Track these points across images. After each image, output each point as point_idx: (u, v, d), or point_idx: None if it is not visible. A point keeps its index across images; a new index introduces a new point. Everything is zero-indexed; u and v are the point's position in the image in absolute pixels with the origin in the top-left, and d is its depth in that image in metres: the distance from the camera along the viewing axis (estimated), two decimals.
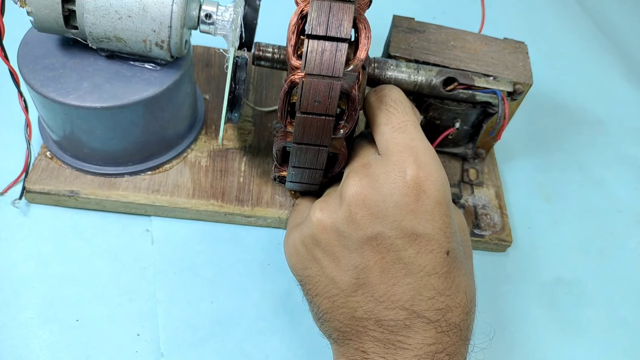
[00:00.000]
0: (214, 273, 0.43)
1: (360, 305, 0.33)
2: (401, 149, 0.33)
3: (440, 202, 0.32)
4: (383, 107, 0.35)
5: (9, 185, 0.43)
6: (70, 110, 0.38)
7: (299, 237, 0.35)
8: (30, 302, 0.39)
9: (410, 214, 0.32)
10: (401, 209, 0.32)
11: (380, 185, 0.32)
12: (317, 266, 0.34)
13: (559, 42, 0.69)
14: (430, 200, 0.32)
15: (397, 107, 0.35)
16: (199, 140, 0.47)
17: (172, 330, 0.39)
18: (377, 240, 0.32)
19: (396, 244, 0.32)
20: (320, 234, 0.34)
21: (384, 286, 0.32)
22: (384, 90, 0.36)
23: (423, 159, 0.33)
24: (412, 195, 0.32)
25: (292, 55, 0.32)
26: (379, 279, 0.32)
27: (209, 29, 0.39)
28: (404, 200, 0.32)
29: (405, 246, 0.32)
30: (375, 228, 0.32)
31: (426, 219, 0.32)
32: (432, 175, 0.32)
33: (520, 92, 0.42)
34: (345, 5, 0.30)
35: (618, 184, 0.55)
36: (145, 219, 0.44)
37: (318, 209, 0.34)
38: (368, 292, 0.32)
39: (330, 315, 0.34)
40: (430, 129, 0.45)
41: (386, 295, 0.32)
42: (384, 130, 0.35)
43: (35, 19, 0.36)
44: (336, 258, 0.33)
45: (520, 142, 0.56)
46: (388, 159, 0.33)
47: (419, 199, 0.32)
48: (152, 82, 0.39)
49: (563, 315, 0.45)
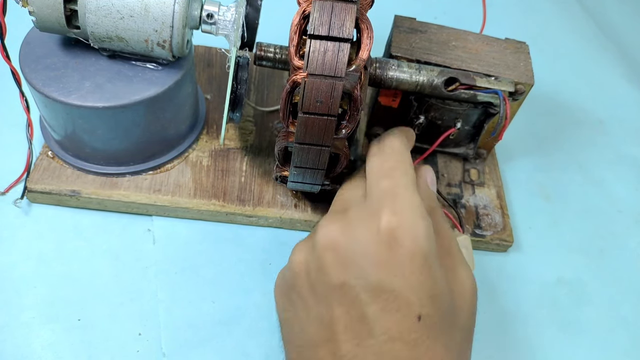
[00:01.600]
0: (215, 273, 0.43)
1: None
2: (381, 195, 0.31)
3: (414, 255, 0.29)
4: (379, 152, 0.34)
5: (10, 185, 0.43)
6: (72, 110, 0.38)
7: (282, 277, 0.34)
8: (32, 302, 0.39)
9: (378, 266, 0.29)
10: (370, 259, 0.29)
11: (353, 231, 0.30)
12: (292, 310, 0.32)
13: (560, 42, 0.69)
14: (404, 253, 0.29)
15: (392, 154, 0.34)
16: (200, 140, 0.47)
17: (174, 330, 0.40)
18: (342, 291, 0.29)
19: (361, 298, 0.28)
20: (295, 276, 0.32)
21: (347, 345, 0.28)
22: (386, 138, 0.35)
23: (402, 207, 0.30)
24: (383, 245, 0.29)
25: (295, 55, 0.32)
26: (344, 336, 0.29)
27: (210, 28, 0.39)
28: (375, 250, 0.29)
29: (369, 301, 0.28)
30: (341, 277, 0.29)
31: (395, 273, 0.28)
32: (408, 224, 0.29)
33: (522, 93, 0.42)
34: (348, 6, 0.30)
35: (618, 184, 0.55)
36: (147, 219, 0.44)
37: (296, 249, 0.33)
38: (332, 349, 0.29)
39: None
40: (432, 129, 0.45)
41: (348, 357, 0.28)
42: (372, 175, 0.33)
43: (37, 18, 0.36)
44: (307, 305, 0.31)
45: (522, 142, 0.56)
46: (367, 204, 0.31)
47: (390, 248, 0.29)
48: (154, 82, 0.39)
49: (564, 315, 0.45)
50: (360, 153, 0.49)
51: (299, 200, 0.45)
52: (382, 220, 0.29)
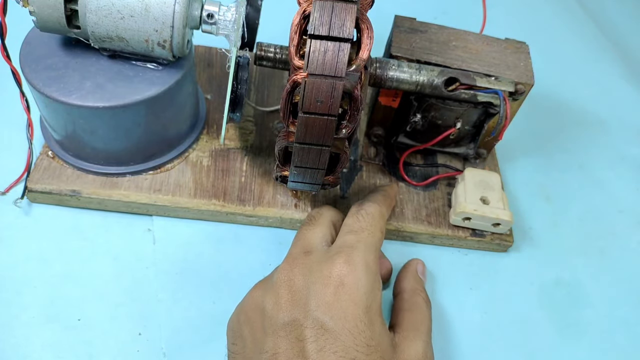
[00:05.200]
0: (215, 273, 0.43)
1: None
2: (343, 246, 0.34)
3: (356, 303, 0.31)
4: (356, 214, 0.38)
5: (10, 185, 0.43)
6: (72, 110, 0.38)
7: (237, 311, 0.36)
8: (32, 302, 0.39)
9: (324, 306, 0.31)
10: (318, 299, 0.31)
11: (309, 273, 0.33)
12: (241, 343, 0.34)
13: (560, 42, 0.69)
14: (347, 297, 0.31)
15: (367, 217, 0.37)
16: (200, 140, 0.47)
17: (174, 330, 0.40)
18: (290, 327, 0.31)
19: (305, 334, 0.31)
20: (250, 310, 0.34)
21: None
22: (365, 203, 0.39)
23: (356, 260, 0.33)
24: (331, 287, 0.32)
25: (295, 55, 0.32)
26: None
27: (211, 28, 0.39)
28: (323, 291, 0.32)
29: (312, 339, 0.30)
30: (292, 314, 0.32)
31: (338, 315, 0.31)
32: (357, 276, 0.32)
33: (522, 93, 0.42)
34: (348, 6, 0.30)
35: (619, 185, 0.55)
36: (147, 219, 0.44)
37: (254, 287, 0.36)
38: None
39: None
40: (432, 129, 0.45)
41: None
42: (343, 229, 0.37)
43: (37, 18, 0.36)
44: (255, 340, 0.33)
45: (522, 143, 0.56)
46: (328, 252, 0.35)
47: (337, 292, 0.32)
48: (154, 82, 0.39)
49: (564, 316, 0.45)
50: (361, 153, 0.49)
51: (299, 200, 0.45)
52: (336, 266, 0.33)
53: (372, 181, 0.48)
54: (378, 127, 0.48)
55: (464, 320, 0.43)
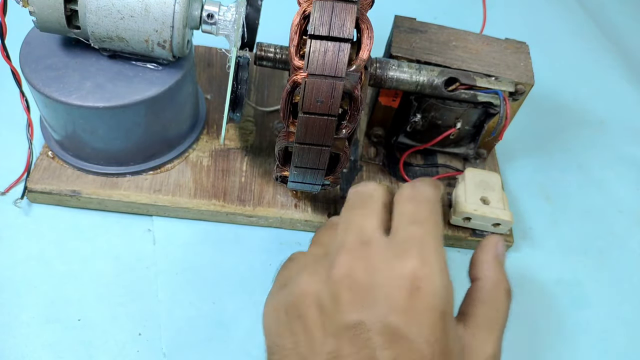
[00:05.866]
0: (215, 273, 0.43)
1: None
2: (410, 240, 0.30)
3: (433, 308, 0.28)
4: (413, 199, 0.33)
5: (10, 185, 0.43)
6: (72, 110, 0.38)
7: (283, 302, 0.32)
8: (32, 302, 0.39)
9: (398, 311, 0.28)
10: (391, 302, 0.28)
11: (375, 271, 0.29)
12: (292, 339, 0.31)
13: (560, 42, 0.69)
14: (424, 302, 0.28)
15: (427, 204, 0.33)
16: (200, 140, 0.47)
17: (174, 331, 0.40)
18: (356, 330, 0.28)
19: (374, 340, 0.28)
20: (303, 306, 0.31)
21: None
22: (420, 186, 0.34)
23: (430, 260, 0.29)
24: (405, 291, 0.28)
25: (295, 55, 0.32)
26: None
27: (211, 29, 0.39)
28: (396, 294, 0.28)
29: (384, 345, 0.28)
30: (358, 315, 0.28)
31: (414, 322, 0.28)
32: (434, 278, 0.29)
33: (522, 93, 0.42)
34: (348, 6, 0.30)
35: (619, 185, 0.55)
36: (147, 219, 0.44)
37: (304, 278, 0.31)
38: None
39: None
40: (432, 129, 0.45)
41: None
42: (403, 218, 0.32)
43: (37, 18, 0.36)
44: (312, 337, 0.30)
45: (522, 143, 0.56)
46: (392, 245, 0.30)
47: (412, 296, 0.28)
48: (154, 82, 0.39)
49: (563, 316, 0.45)
50: (361, 153, 0.49)
51: (299, 200, 0.45)
52: (408, 265, 0.29)
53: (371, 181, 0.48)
54: (378, 127, 0.48)
55: None
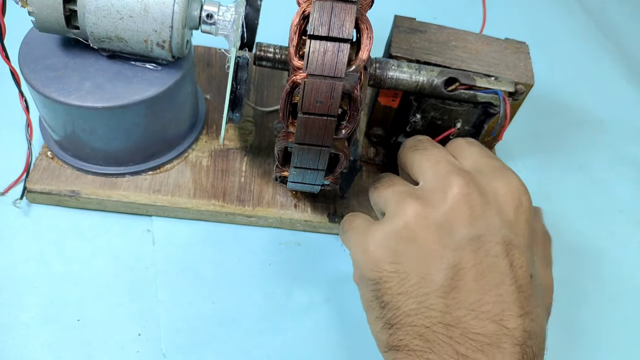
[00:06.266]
0: (215, 273, 0.43)
1: (450, 310, 0.30)
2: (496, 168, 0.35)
3: (529, 220, 0.33)
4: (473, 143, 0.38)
5: (10, 186, 0.43)
6: (71, 110, 0.38)
7: (391, 230, 0.33)
8: (32, 302, 0.39)
9: (509, 224, 0.32)
10: (502, 216, 0.33)
11: (485, 187, 0.33)
12: (409, 261, 0.32)
13: (560, 42, 0.69)
14: (524, 216, 0.33)
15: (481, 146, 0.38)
16: (200, 140, 0.47)
17: (174, 331, 0.40)
18: (478, 243, 0.31)
19: (495, 250, 0.31)
20: (418, 228, 0.32)
21: (476, 294, 0.30)
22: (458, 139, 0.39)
23: (519, 179, 0.35)
24: (513, 205, 0.33)
25: (294, 55, 0.32)
26: (473, 285, 0.31)
27: (210, 29, 0.39)
28: (506, 209, 0.33)
29: (503, 254, 0.31)
30: (478, 230, 0.32)
31: (521, 233, 0.33)
32: (528, 194, 0.34)
33: (522, 93, 0.42)
34: (347, 6, 0.30)
35: (619, 184, 0.55)
36: (147, 219, 0.44)
37: (415, 203, 0.33)
38: (460, 297, 0.31)
39: (414, 319, 0.31)
40: (432, 129, 0.45)
41: (477, 304, 0.30)
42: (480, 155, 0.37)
43: (36, 18, 0.36)
44: (432, 255, 0.32)
45: (521, 143, 0.56)
46: (487, 172, 0.35)
47: (517, 211, 0.33)
48: (154, 82, 0.39)
49: (563, 316, 0.45)
50: (360, 153, 0.49)
51: (298, 201, 0.45)
52: (513, 182, 0.34)
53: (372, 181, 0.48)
54: (378, 127, 0.48)
55: None
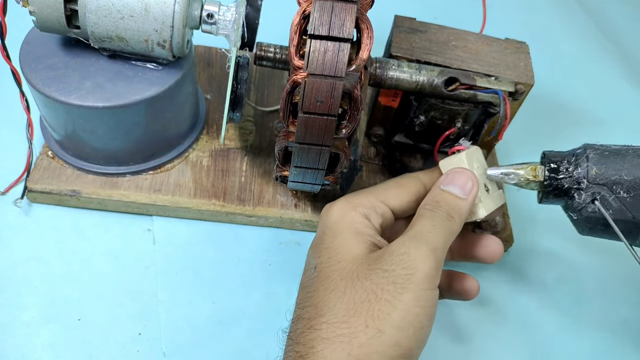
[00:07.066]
0: (215, 273, 0.43)
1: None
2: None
3: None
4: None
5: (10, 185, 0.43)
6: (72, 110, 0.38)
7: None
8: (32, 302, 0.39)
9: None
10: None
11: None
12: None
13: (560, 42, 0.69)
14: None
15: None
16: (200, 140, 0.47)
17: (174, 330, 0.40)
18: None
19: None
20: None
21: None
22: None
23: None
24: None
25: (295, 55, 0.32)
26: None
27: (210, 28, 0.39)
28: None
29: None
30: None
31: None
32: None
33: (522, 92, 0.42)
34: (348, 6, 0.30)
35: None
36: (147, 219, 0.44)
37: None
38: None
39: None
40: (432, 129, 0.45)
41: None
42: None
43: (37, 18, 0.36)
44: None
45: (521, 142, 0.56)
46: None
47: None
48: (154, 82, 0.39)
49: (564, 315, 0.45)
50: (361, 153, 0.49)
51: (299, 200, 0.45)
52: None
53: (372, 181, 0.48)
54: (378, 127, 0.48)
55: (464, 320, 0.43)
